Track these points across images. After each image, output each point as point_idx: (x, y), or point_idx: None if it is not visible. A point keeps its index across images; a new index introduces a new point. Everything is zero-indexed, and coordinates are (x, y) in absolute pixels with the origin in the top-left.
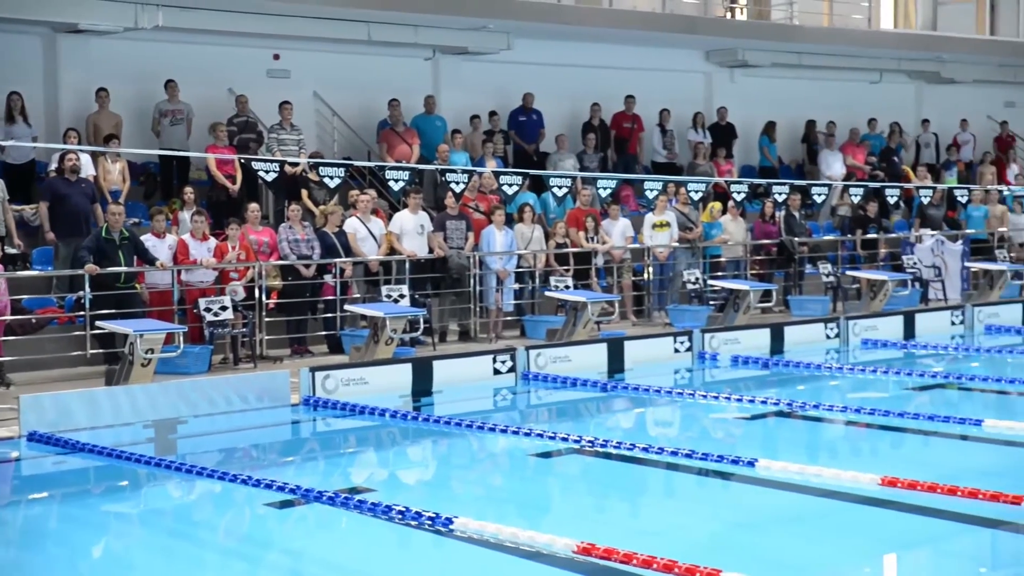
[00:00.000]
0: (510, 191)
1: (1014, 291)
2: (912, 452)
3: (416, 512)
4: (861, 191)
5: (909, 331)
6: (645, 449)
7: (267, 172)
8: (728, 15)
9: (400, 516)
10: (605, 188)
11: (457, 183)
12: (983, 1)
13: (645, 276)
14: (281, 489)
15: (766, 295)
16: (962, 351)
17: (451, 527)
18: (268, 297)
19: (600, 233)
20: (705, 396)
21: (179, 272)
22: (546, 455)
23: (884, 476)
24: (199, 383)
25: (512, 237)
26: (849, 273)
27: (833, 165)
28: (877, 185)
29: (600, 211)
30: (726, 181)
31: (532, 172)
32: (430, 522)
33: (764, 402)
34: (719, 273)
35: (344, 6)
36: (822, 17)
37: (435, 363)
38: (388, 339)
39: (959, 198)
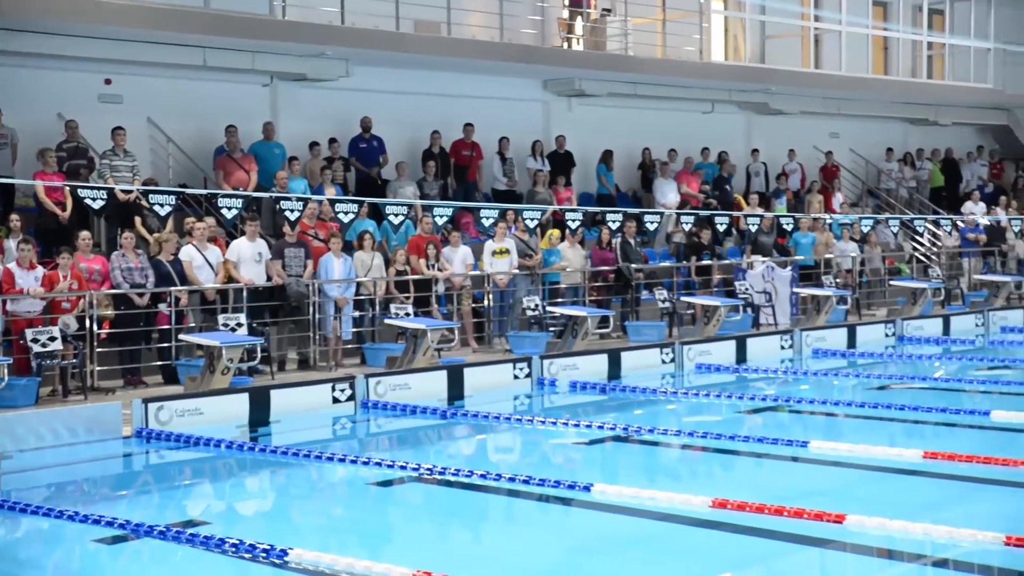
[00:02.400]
0: (346, 219)
1: (840, 316)
2: (744, 474)
3: (251, 544)
4: (693, 219)
5: (741, 355)
6: (484, 476)
7: (94, 200)
8: (565, 45)
9: (234, 549)
10: (441, 216)
11: (292, 211)
12: (808, 36)
13: (485, 303)
14: (111, 524)
15: (604, 321)
16: (791, 374)
17: (286, 559)
18: (100, 327)
19: (440, 260)
20: (544, 422)
21: (4, 302)
22: (386, 484)
23: (715, 498)
24: (25, 416)
25: (351, 265)
26: (684, 299)
27: (668, 193)
28: (708, 213)
29: (441, 238)
30: (561, 209)
31: (367, 200)
32: (265, 554)
33: (601, 427)
34: (558, 299)
35: (179, 31)
36: (656, 49)
37: (272, 392)
38: (224, 368)
39: (785, 226)
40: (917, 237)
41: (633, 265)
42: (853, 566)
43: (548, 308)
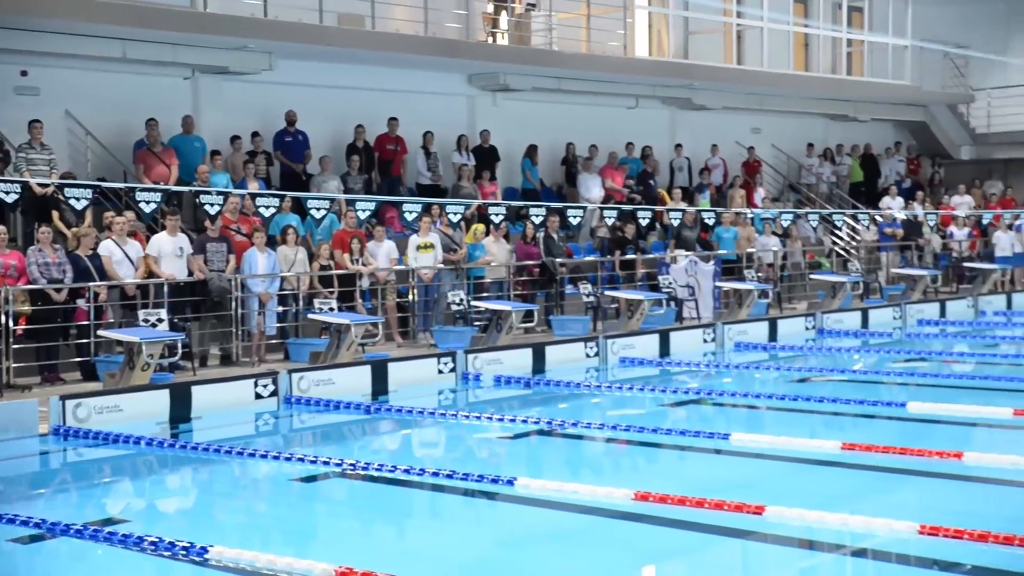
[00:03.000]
0: (267, 213)
1: (761, 309)
2: (667, 466)
3: (170, 542)
4: (616, 213)
5: (664, 349)
6: (407, 471)
7: (8, 193)
8: (490, 40)
9: (154, 547)
10: (364, 211)
11: (212, 205)
12: (730, 32)
13: (410, 297)
14: (27, 523)
15: (528, 315)
16: (714, 368)
17: (207, 556)
18: (16, 323)
19: (365, 255)
20: (468, 416)
21: None
22: (310, 479)
23: (637, 491)
24: None
25: (275, 259)
26: (608, 293)
27: (592, 188)
28: (631, 208)
29: (365, 233)
30: (484, 203)
31: (288, 194)
32: (184, 552)
33: (525, 421)
34: (483, 294)
35: (98, 22)
36: (580, 44)
37: (194, 388)
38: (144, 365)
39: (706, 220)
40: (837, 232)
41: (557, 259)
42: (774, 557)
43: (473, 303)
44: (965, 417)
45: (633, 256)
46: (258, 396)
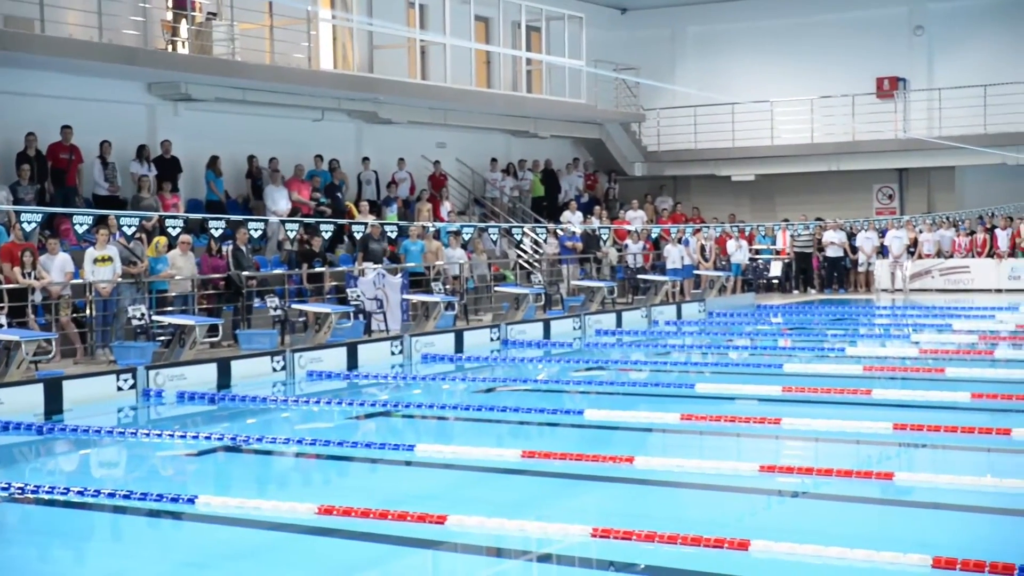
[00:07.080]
0: None
1: (448, 321)
2: (356, 479)
3: None
4: (298, 226)
5: (352, 362)
6: (81, 492)
7: None
8: (169, 48)
9: None
10: (30, 223)
11: None
12: (415, 47)
13: (87, 312)
14: None
15: (213, 330)
16: (402, 379)
17: None
18: None
19: (37, 268)
20: (149, 434)
21: None
22: None
23: (321, 505)
24: None
25: None
26: (296, 306)
27: (279, 201)
28: (316, 220)
29: (38, 245)
30: (162, 216)
31: None
32: None
33: (209, 437)
34: (167, 308)
35: None
36: (264, 55)
37: None
38: None
39: (389, 233)
40: (520, 245)
41: (245, 272)
42: (462, 566)
43: (155, 317)
44: (638, 423)
45: (321, 269)
46: None
